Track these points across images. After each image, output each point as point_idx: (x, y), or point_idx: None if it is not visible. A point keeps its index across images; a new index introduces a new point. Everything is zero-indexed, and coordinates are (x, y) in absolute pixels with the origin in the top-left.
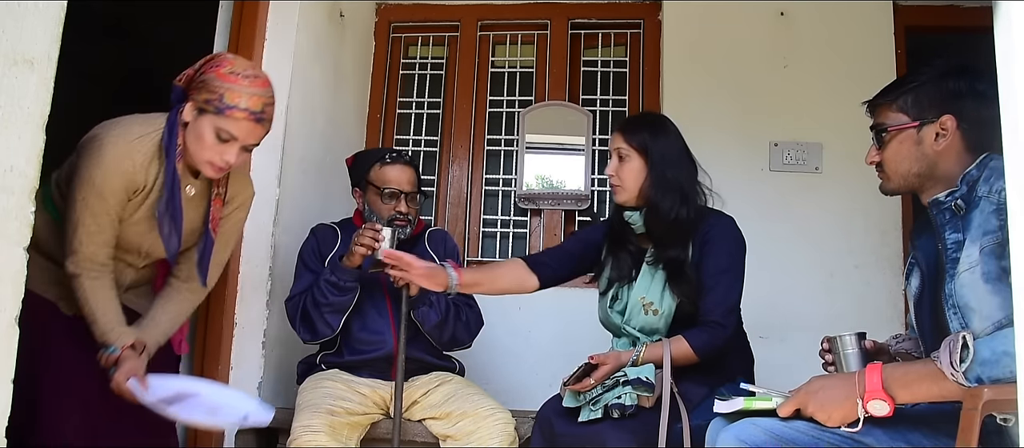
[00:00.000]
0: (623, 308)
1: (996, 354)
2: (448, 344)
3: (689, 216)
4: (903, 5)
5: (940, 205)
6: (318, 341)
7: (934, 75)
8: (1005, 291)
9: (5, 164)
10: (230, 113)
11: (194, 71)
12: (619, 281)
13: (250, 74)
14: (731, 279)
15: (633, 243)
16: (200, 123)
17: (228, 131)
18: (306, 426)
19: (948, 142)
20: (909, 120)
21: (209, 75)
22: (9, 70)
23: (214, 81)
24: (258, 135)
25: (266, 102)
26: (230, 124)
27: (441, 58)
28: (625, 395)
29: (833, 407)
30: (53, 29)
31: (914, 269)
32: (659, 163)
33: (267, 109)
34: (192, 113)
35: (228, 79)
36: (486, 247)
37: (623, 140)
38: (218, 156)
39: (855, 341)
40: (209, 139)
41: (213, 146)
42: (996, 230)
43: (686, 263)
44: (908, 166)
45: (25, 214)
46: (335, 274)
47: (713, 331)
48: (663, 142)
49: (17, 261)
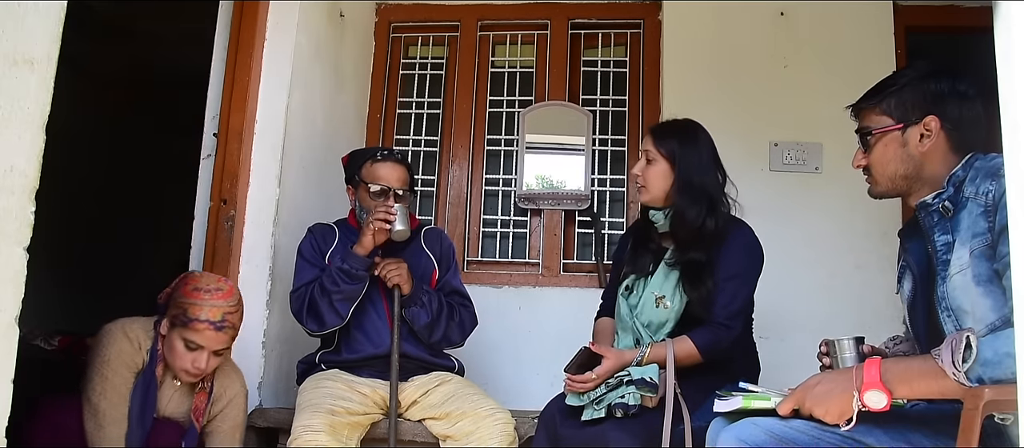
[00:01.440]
0: (637, 301)
1: (999, 355)
2: (439, 344)
3: (716, 225)
4: (903, 5)
5: (928, 207)
6: (325, 332)
7: (916, 77)
8: (997, 293)
9: (5, 164)
10: (193, 325)
11: (171, 289)
12: (636, 274)
13: (211, 288)
14: (739, 284)
15: (654, 241)
16: (172, 336)
17: (194, 341)
18: (306, 426)
19: (933, 143)
20: (893, 122)
21: (178, 293)
22: (9, 70)
23: (180, 297)
24: (222, 341)
25: (227, 311)
26: (194, 335)
27: (441, 58)
28: (628, 395)
29: (831, 401)
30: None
31: (906, 272)
32: (685, 170)
33: (228, 318)
34: (167, 327)
35: (192, 295)
36: (486, 247)
37: (652, 143)
38: (190, 364)
39: (853, 345)
40: (179, 349)
41: (184, 355)
42: (985, 232)
43: (704, 267)
44: (894, 168)
45: (25, 214)
46: (347, 262)
47: (717, 331)
48: (692, 150)
49: (17, 261)
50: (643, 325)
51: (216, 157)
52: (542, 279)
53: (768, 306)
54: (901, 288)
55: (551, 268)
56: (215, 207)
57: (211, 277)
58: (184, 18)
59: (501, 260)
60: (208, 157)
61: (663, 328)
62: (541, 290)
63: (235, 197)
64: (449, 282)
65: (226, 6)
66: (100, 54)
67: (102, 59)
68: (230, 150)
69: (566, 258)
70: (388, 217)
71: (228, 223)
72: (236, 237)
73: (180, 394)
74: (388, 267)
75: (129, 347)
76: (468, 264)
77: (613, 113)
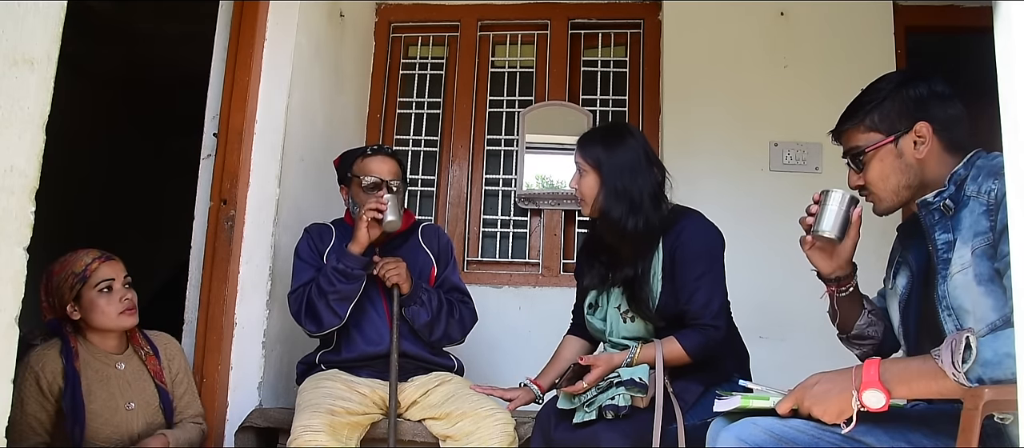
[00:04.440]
0: (603, 316)
1: (999, 355)
2: (440, 342)
3: (638, 227)
4: (903, 5)
5: (929, 206)
6: (324, 332)
7: (891, 88)
8: (998, 292)
9: (5, 164)
10: (89, 271)
11: (45, 296)
12: (595, 289)
13: (69, 256)
14: (711, 280)
15: (605, 253)
16: (84, 304)
17: (103, 282)
18: (306, 426)
19: (928, 147)
20: (883, 136)
21: (54, 284)
22: (9, 70)
23: (57, 280)
24: (116, 268)
25: (95, 254)
26: (99, 275)
27: (441, 58)
28: (619, 396)
29: (829, 401)
30: (53, 29)
31: (902, 268)
32: (610, 176)
33: (103, 254)
34: (74, 310)
35: (64, 267)
36: (486, 247)
37: (579, 155)
38: (118, 302)
39: (842, 199)
40: (101, 302)
41: (106, 302)
42: (987, 231)
43: (639, 280)
44: (896, 180)
45: (25, 214)
46: (343, 262)
47: (706, 333)
48: (619, 154)
49: (17, 261)
50: (623, 338)
51: (216, 157)
52: (542, 279)
53: (768, 306)
54: (894, 284)
55: (551, 268)
56: (215, 207)
57: (61, 259)
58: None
59: (501, 260)
60: (208, 157)
61: (643, 337)
62: (541, 290)
63: (235, 197)
64: (448, 279)
65: (226, 6)
66: (100, 54)
67: (102, 59)
68: (230, 150)
69: (566, 258)
70: (380, 207)
71: (228, 223)
72: (236, 237)
73: (132, 373)
74: (387, 266)
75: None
76: (468, 264)
77: (613, 113)
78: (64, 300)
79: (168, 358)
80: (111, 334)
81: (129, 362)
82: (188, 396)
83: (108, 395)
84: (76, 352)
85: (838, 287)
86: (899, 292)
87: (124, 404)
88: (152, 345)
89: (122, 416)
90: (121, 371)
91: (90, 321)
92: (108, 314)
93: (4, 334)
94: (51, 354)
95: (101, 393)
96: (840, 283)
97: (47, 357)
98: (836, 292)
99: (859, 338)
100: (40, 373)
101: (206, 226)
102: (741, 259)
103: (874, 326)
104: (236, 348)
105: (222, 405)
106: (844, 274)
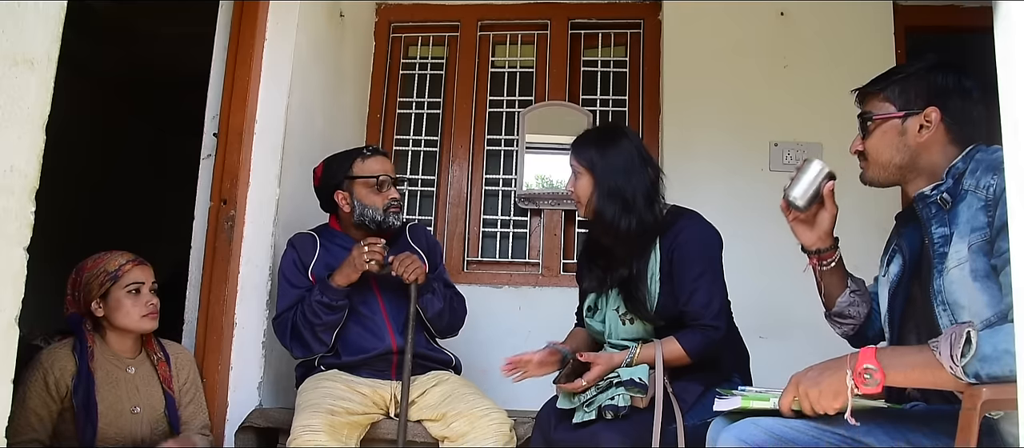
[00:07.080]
0: (602, 319)
1: (998, 351)
2: (446, 330)
3: (631, 227)
4: (903, 5)
5: (926, 199)
6: (313, 357)
7: (923, 68)
8: (994, 289)
9: (5, 164)
10: (121, 272)
11: (71, 289)
12: (594, 292)
13: (101, 254)
14: (710, 280)
15: (602, 255)
16: (111, 302)
17: (133, 284)
18: (306, 426)
19: (931, 134)
20: (895, 110)
21: (83, 280)
22: (9, 70)
23: (87, 275)
24: (147, 272)
25: (128, 256)
26: (130, 277)
27: (441, 58)
28: (618, 396)
29: (823, 381)
30: (53, 29)
31: (896, 255)
32: (603, 177)
33: (136, 257)
34: (99, 304)
35: (96, 265)
36: (486, 247)
37: (573, 157)
38: (142, 306)
39: (818, 171)
40: (127, 303)
41: (134, 303)
42: (984, 227)
43: (635, 281)
44: (889, 156)
45: (25, 214)
46: (326, 295)
47: (706, 334)
48: (612, 155)
49: (17, 261)
50: (622, 340)
51: (216, 157)
52: (542, 279)
53: (768, 306)
54: (887, 271)
55: (551, 268)
56: (215, 207)
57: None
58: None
59: (501, 260)
60: (208, 157)
61: (643, 339)
62: (541, 290)
63: (235, 197)
64: (440, 275)
65: (226, 6)
66: (100, 54)
67: (102, 59)
68: (230, 150)
69: (566, 258)
70: (381, 255)
71: (228, 223)
72: (236, 237)
73: (141, 378)
74: (404, 264)
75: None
76: (468, 264)
77: (613, 113)
78: (91, 296)
79: (178, 367)
80: (129, 336)
81: (140, 367)
82: (193, 406)
83: (115, 398)
84: (92, 352)
85: (820, 260)
86: (890, 278)
87: (130, 408)
88: (165, 352)
89: (127, 419)
90: (131, 375)
91: (113, 320)
92: (132, 315)
93: (4, 334)
94: (63, 353)
95: (108, 395)
96: (821, 255)
97: (58, 356)
98: (818, 264)
99: (840, 316)
100: (49, 370)
101: (206, 226)
102: (741, 259)
103: (855, 306)
104: (236, 348)
105: (222, 405)
106: (825, 246)
